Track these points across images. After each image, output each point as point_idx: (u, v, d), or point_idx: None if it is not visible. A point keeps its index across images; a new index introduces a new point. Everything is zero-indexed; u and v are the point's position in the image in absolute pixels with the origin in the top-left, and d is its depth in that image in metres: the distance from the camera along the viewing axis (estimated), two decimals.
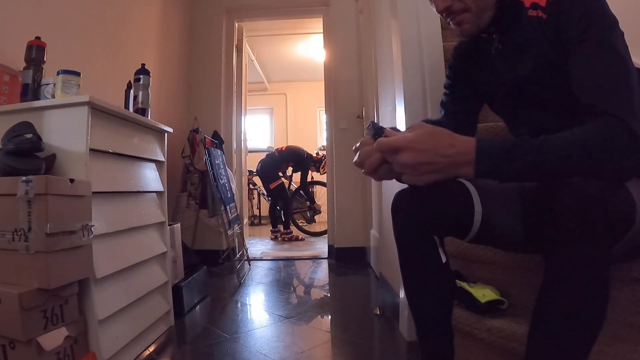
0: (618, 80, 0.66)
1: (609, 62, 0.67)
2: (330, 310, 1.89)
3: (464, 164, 0.64)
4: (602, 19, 0.70)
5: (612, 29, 0.69)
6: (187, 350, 1.42)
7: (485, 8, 0.79)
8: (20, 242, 0.93)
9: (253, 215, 5.85)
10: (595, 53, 0.68)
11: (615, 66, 0.66)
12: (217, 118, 3.09)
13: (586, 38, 0.69)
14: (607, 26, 0.69)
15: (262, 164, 4.36)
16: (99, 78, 1.80)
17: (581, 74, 0.69)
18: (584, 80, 0.69)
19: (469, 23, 0.80)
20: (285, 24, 4.01)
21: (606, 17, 0.70)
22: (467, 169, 0.64)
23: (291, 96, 6.62)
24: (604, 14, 0.70)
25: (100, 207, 1.17)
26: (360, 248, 3.02)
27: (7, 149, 1.03)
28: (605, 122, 0.63)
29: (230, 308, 1.92)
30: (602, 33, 0.68)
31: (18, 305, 0.88)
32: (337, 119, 3.15)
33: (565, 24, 0.72)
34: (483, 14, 0.79)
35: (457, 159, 0.63)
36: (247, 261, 2.94)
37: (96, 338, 1.10)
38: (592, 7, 0.70)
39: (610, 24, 0.70)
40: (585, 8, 0.70)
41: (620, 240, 0.67)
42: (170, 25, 2.79)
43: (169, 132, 1.69)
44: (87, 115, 1.13)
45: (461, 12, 0.79)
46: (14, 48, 1.29)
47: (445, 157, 0.64)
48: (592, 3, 0.71)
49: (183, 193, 2.67)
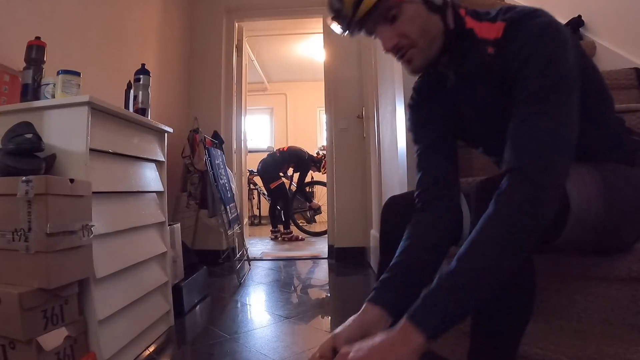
0: (548, 147, 0.63)
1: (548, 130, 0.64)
2: (330, 310, 1.89)
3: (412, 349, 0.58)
4: (552, 71, 0.65)
5: (564, 85, 0.65)
6: (187, 350, 1.42)
7: (432, 39, 0.76)
8: (20, 242, 0.93)
9: (253, 215, 5.85)
10: (537, 113, 0.65)
11: (552, 134, 0.63)
12: (217, 118, 3.09)
13: (527, 98, 0.66)
14: (556, 82, 0.65)
15: (263, 164, 4.35)
16: (99, 78, 1.80)
17: (517, 135, 0.67)
18: (515, 142, 0.66)
19: (418, 58, 0.77)
20: (285, 24, 4.00)
21: (558, 68, 0.66)
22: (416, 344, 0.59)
23: (291, 96, 6.62)
24: (557, 65, 0.66)
25: (100, 207, 1.17)
26: (360, 248, 3.02)
27: (7, 149, 1.03)
28: (512, 186, 0.62)
29: (230, 308, 1.92)
30: (546, 90, 0.65)
31: (18, 305, 0.88)
32: (337, 119, 3.15)
33: (512, 68, 0.70)
34: (431, 44, 0.77)
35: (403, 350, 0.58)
36: (247, 261, 2.94)
37: (96, 338, 1.10)
38: (541, 54, 0.67)
39: (563, 76, 0.65)
40: (533, 53, 0.67)
41: (558, 237, 0.71)
42: (170, 25, 2.79)
43: (169, 132, 1.69)
44: (87, 115, 1.13)
45: (409, 48, 0.76)
46: (14, 48, 1.29)
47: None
48: (543, 49, 0.67)
49: (183, 193, 2.67)
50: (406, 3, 0.73)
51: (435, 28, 0.76)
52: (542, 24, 0.68)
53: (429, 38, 0.76)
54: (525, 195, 0.61)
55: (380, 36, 0.77)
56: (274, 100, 6.65)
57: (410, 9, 0.74)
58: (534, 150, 0.63)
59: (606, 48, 1.83)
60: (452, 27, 0.77)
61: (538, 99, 0.65)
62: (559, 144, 0.63)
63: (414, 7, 0.74)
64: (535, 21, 0.69)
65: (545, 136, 0.63)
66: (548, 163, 0.62)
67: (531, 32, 0.69)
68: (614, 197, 0.74)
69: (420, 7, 0.74)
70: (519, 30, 0.70)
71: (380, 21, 0.75)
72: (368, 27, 0.77)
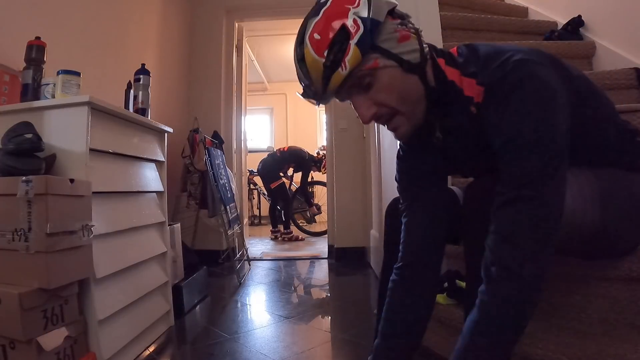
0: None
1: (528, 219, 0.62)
2: (330, 310, 1.89)
3: None
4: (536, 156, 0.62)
5: (550, 165, 0.62)
6: (187, 350, 1.42)
7: (415, 102, 0.71)
8: (20, 242, 0.93)
9: (253, 215, 5.85)
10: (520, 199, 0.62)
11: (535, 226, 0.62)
12: (217, 118, 3.09)
13: (510, 181, 0.64)
14: (541, 166, 0.62)
15: (263, 164, 4.35)
16: (99, 78, 1.80)
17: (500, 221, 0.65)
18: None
19: (404, 125, 0.73)
20: (285, 24, 4.00)
21: (543, 150, 0.62)
22: None
23: (291, 96, 6.61)
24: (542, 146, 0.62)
25: (100, 207, 1.17)
26: (360, 248, 3.02)
27: (7, 149, 1.03)
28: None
29: (230, 308, 1.92)
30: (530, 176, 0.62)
31: (18, 305, 0.88)
32: (337, 119, 3.15)
33: (494, 143, 0.67)
34: (415, 109, 0.72)
35: None
36: (247, 261, 2.94)
37: (96, 338, 1.10)
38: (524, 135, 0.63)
39: (549, 157, 0.62)
40: (516, 137, 0.63)
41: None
42: (170, 25, 2.79)
43: (169, 132, 1.69)
44: (87, 115, 1.13)
45: (391, 115, 0.72)
46: (14, 48, 1.29)
47: None
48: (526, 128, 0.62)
49: (183, 193, 2.67)
50: (379, 69, 0.67)
51: (415, 90, 0.71)
52: (522, 94, 0.63)
53: (411, 103, 0.71)
54: (509, 292, 0.62)
55: (356, 106, 0.72)
56: (274, 100, 6.65)
57: (384, 75, 0.68)
58: (515, 242, 0.62)
59: (606, 48, 1.83)
60: (433, 83, 0.72)
61: (521, 185, 0.62)
62: (540, 236, 0.61)
63: (389, 72, 0.68)
64: (515, 92, 0.64)
65: (527, 228, 0.61)
66: (529, 255, 0.61)
67: (511, 108, 0.64)
68: (611, 204, 0.73)
69: (395, 71, 0.68)
70: (498, 102, 0.66)
71: (354, 91, 0.70)
72: (341, 96, 0.72)
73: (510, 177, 0.64)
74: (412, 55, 0.69)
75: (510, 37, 2.11)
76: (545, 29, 2.16)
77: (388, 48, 0.67)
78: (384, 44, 0.67)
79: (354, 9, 0.66)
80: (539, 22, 2.23)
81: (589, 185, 0.73)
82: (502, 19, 2.16)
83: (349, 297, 2.13)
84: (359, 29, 0.65)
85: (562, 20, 2.12)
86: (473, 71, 0.72)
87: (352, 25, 0.65)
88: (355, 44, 0.65)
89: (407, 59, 0.68)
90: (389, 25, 0.68)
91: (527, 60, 0.65)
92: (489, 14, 2.23)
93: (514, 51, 0.68)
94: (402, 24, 0.69)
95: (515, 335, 0.63)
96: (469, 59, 0.73)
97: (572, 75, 0.73)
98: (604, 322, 0.91)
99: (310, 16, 0.69)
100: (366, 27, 0.65)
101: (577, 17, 1.98)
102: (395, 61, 0.68)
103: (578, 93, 0.72)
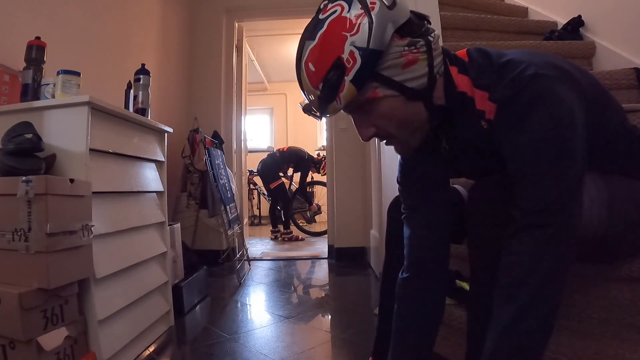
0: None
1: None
2: (330, 310, 1.89)
3: None
4: (554, 181, 0.61)
5: (566, 191, 0.61)
6: (187, 350, 1.42)
7: (415, 130, 0.69)
8: (20, 242, 0.93)
9: (253, 215, 5.85)
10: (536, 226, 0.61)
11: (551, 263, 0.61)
12: (217, 118, 3.09)
13: (527, 209, 0.63)
14: (558, 194, 0.61)
15: (262, 164, 4.35)
16: (99, 78, 1.80)
17: (512, 251, 0.64)
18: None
19: (399, 146, 0.72)
20: (285, 24, 4.00)
21: (560, 175, 0.61)
22: None
23: (291, 96, 6.61)
24: (559, 170, 0.61)
25: (100, 207, 1.17)
26: (360, 248, 3.02)
27: (7, 149, 1.03)
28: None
29: (230, 308, 1.92)
30: (547, 204, 0.61)
31: (18, 305, 0.88)
32: (337, 119, 3.14)
33: (509, 165, 0.66)
34: (413, 135, 0.70)
35: None
36: (247, 261, 2.93)
37: (96, 338, 1.10)
38: (540, 162, 0.61)
39: (567, 180, 0.61)
40: (531, 162, 0.62)
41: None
42: (170, 25, 2.79)
43: (169, 132, 1.69)
44: (87, 115, 1.13)
45: (389, 138, 0.71)
46: (14, 48, 1.29)
47: None
48: (542, 152, 0.61)
49: (183, 193, 2.67)
50: (379, 99, 0.64)
51: (416, 118, 0.68)
52: (538, 117, 0.61)
53: (411, 131, 0.69)
54: (527, 309, 0.63)
55: (356, 124, 0.70)
56: (274, 100, 6.65)
57: (384, 105, 0.65)
58: (532, 267, 0.61)
59: (606, 48, 1.83)
60: (442, 101, 0.69)
61: (538, 211, 0.61)
62: (558, 262, 0.61)
63: (389, 102, 0.64)
64: (531, 115, 0.61)
65: (543, 254, 0.60)
66: (546, 280, 0.62)
67: (527, 131, 0.62)
68: (617, 208, 0.73)
69: (397, 100, 0.64)
70: (513, 124, 0.63)
71: (354, 110, 0.68)
72: (345, 111, 0.69)
73: (527, 202, 0.62)
74: (418, 81, 0.64)
75: (510, 37, 2.11)
76: (545, 29, 2.16)
77: (390, 75, 0.63)
78: (386, 71, 0.62)
79: (351, 37, 0.60)
80: (539, 22, 2.24)
81: (596, 185, 0.73)
82: (502, 19, 2.16)
83: (349, 297, 2.13)
84: (355, 63, 0.60)
85: (562, 20, 2.12)
86: (486, 83, 0.68)
87: (347, 59, 0.60)
88: (350, 80, 0.61)
89: (411, 86, 0.64)
90: (394, 48, 0.62)
91: (541, 76, 0.62)
92: (489, 14, 2.23)
93: (528, 63, 0.64)
94: (411, 44, 0.63)
95: (545, 337, 0.65)
96: (481, 68, 0.70)
97: (584, 87, 0.70)
98: (604, 322, 0.91)
99: (307, 37, 0.64)
100: (364, 60, 0.60)
101: (577, 17, 1.99)
102: (397, 90, 0.64)
103: (592, 105, 0.70)
